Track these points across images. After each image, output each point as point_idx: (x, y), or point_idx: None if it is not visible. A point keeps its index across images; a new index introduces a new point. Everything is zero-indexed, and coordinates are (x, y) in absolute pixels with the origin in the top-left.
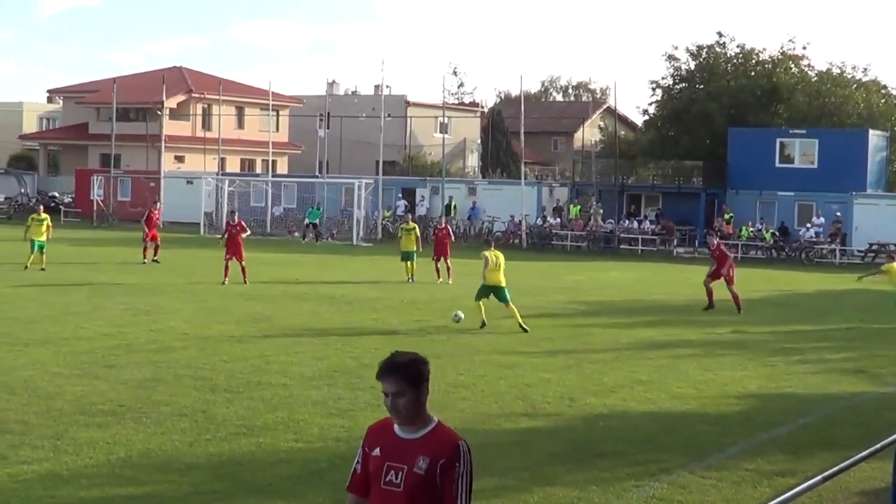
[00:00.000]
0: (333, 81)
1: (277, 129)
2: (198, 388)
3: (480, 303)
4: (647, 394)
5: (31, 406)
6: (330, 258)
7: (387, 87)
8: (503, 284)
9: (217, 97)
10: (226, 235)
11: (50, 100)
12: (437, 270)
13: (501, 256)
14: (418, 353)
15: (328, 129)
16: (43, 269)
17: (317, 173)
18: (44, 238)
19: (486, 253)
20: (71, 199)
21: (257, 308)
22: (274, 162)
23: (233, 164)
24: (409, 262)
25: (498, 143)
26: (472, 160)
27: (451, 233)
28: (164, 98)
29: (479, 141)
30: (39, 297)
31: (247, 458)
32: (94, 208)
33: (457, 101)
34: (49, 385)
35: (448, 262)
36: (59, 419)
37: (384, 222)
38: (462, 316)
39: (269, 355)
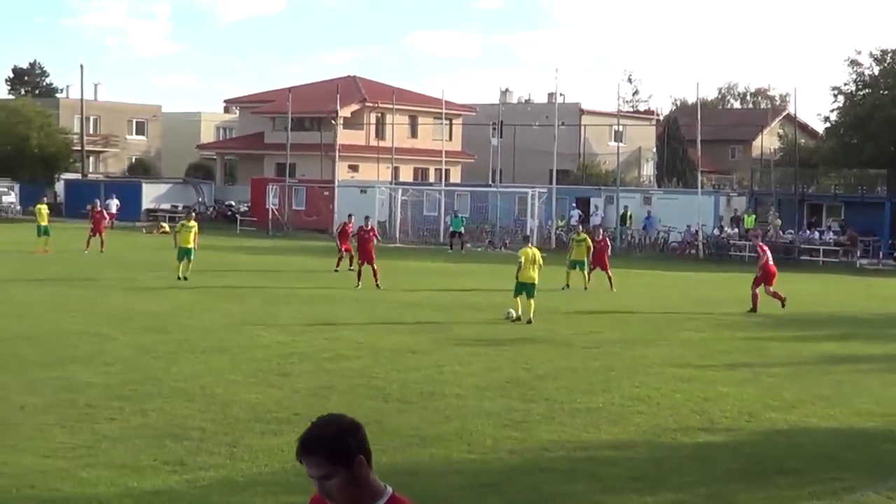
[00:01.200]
0: (506, 90)
1: (450, 138)
2: (371, 398)
3: (518, 299)
4: (829, 409)
5: (208, 413)
6: (502, 268)
7: (560, 94)
8: (535, 282)
9: (391, 106)
10: (355, 241)
11: (227, 110)
12: (610, 280)
13: (538, 254)
14: (346, 416)
15: (501, 137)
16: (185, 279)
17: (490, 182)
18: (192, 245)
19: (523, 251)
20: (247, 208)
21: (430, 318)
22: (447, 171)
23: (406, 173)
24: (577, 270)
25: (674, 152)
26: (647, 169)
27: (609, 244)
28: (339, 107)
29: (654, 149)
30: (217, 305)
31: (420, 469)
32: (270, 217)
33: (631, 109)
34: (225, 392)
35: (609, 271)
36: (235, 426)
37: (558, 232)
38: (514, 314)
39: (443, 365)
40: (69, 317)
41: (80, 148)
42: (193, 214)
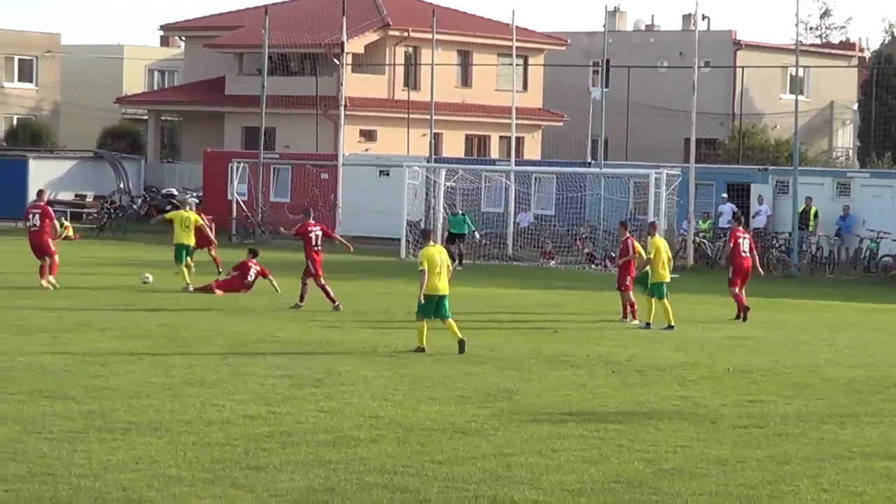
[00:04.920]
0: (616, 9)
1: (525, 88)
2: None
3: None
4: None
5: None
6: (603, 296)
7: (703, 17)
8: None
9: (428, 35)
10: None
11: (164, 42)
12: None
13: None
14: None
15: (607, 87)
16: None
17: (588, 159)
18: (192, 242)
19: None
20: (197, 200)
21: (492, 378)
22: (520, 140)
23: (453, 144)
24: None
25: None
26: (844, 138)
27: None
28: (345, 37)
29: (855, 106)
30: (148, 355)
31: None
32: (233, 214)
33: (819, 42)
34: (161, 497)
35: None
36: None
37: (697, 239)
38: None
39: (511, 454)
40: None
41: None
42: (195, 203)
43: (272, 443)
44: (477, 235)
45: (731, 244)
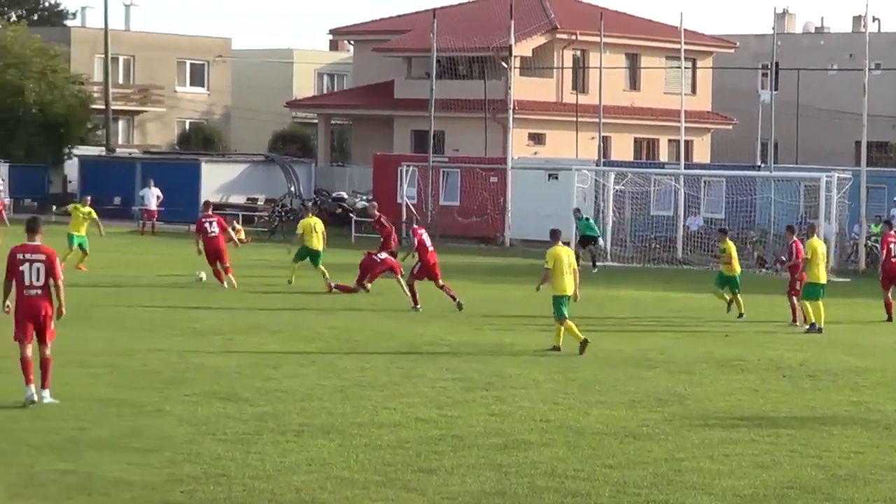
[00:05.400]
0: (785, 11)
1: (694, 91)
2: None
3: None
4: None
5: None
6: (773, 300)
7: (873, 19)
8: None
9: (597, 39)
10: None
11: (334, 46)
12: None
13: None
14: None
15: (776, 89)
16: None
17: (758, 162)
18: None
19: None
20: (366, 203)
21: (662, 382)
22: (689, 144)
23: (621, 148)
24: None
25: None
26: None
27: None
28: (513, 40)
29: None
30: (320, 358)
31: None
32: (403, 218)
33: None
34: (334, 499)
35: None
36: None
37: (869, 243)
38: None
39: (681, 458)
40: (87, 375)
41: (103, 106)
42: (309, 206)
43: (443, 446)
44: (601, 242)
45: (884, 250)
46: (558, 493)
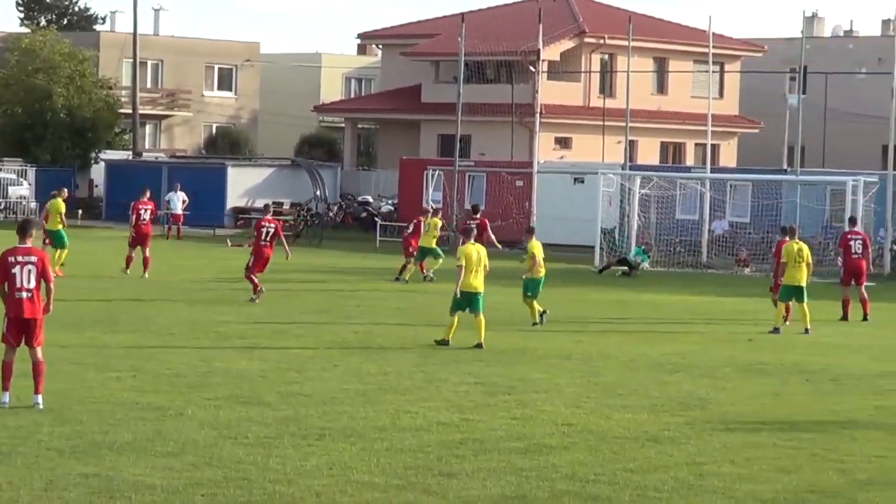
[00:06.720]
0: (814, 15)
1: (721, 95)
2: None
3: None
4: None
5: None
6: (818, 305)
7: None
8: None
9: (624, 42)
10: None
11: (361, 51)
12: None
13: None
14: None
15: (804, 93)
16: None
17: (785, 166)
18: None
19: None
20: (392, 207)
21: (685, 386)
22: (715, 148)
23: (648, 152)
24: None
25: None
26: None
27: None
28: (541, 45)
29: None
30: (343, 361)
31: None
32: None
33: None
34: (354, 502)
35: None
36: None
37: (895, 248)
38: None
39: (703, 462)
40: (108, 378)
41: (130, 111)
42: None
43: (464, 450)
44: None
45: (842, 248)
46: (578, 496)
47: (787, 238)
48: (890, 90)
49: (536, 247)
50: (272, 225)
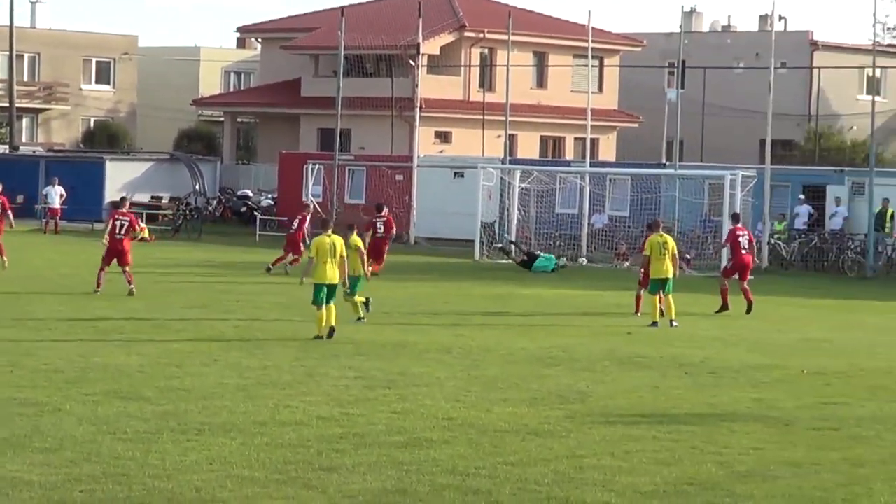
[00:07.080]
0: (693, 10)
1: (601, 89)
2: None
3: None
4: None
5: None
6: (678, 298)
7: (780, 18)
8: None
9: (504, 37)
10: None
11: (241, 44)
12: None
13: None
14: None
15: (683, 88)
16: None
17: (663, 160)
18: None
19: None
20: (271, 201)
21: (565, 379)
22: (594, 142)
23: (528, 146)
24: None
25: None
26: None
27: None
28: (421, 39)
29: None
30: (224, 357)
31: None
32: (308, 215)
33: None
34: (234, 498)
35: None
36: None
37: (773, 241)
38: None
39: (583, 455)
40: None
41: (7, 104)
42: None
43: (345, 444)
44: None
45: (729, 243)
46: (459, 490)
47: (652, 232)
48: (767, 85)
49: (359, 241)
50: (126, 218)
